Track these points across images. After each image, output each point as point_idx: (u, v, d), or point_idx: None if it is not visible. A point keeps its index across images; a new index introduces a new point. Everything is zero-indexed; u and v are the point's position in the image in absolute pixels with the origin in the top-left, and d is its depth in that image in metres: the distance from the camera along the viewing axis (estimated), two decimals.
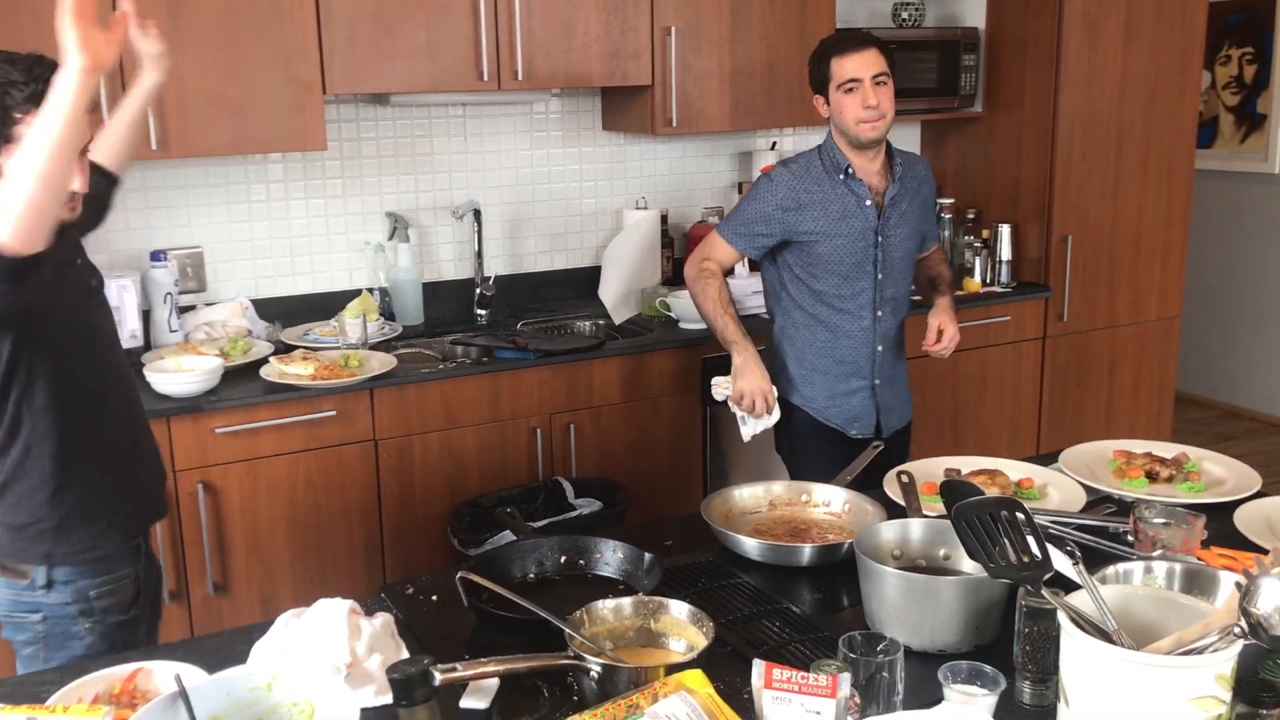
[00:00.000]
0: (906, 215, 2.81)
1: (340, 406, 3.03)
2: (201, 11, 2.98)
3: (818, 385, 2.85)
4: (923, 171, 2.90)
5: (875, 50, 2.69)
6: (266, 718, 1.35)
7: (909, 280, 2.90)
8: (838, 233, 2.73)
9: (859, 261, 2.76)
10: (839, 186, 2.74)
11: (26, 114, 1.73)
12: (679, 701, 1.27)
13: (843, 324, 2.80)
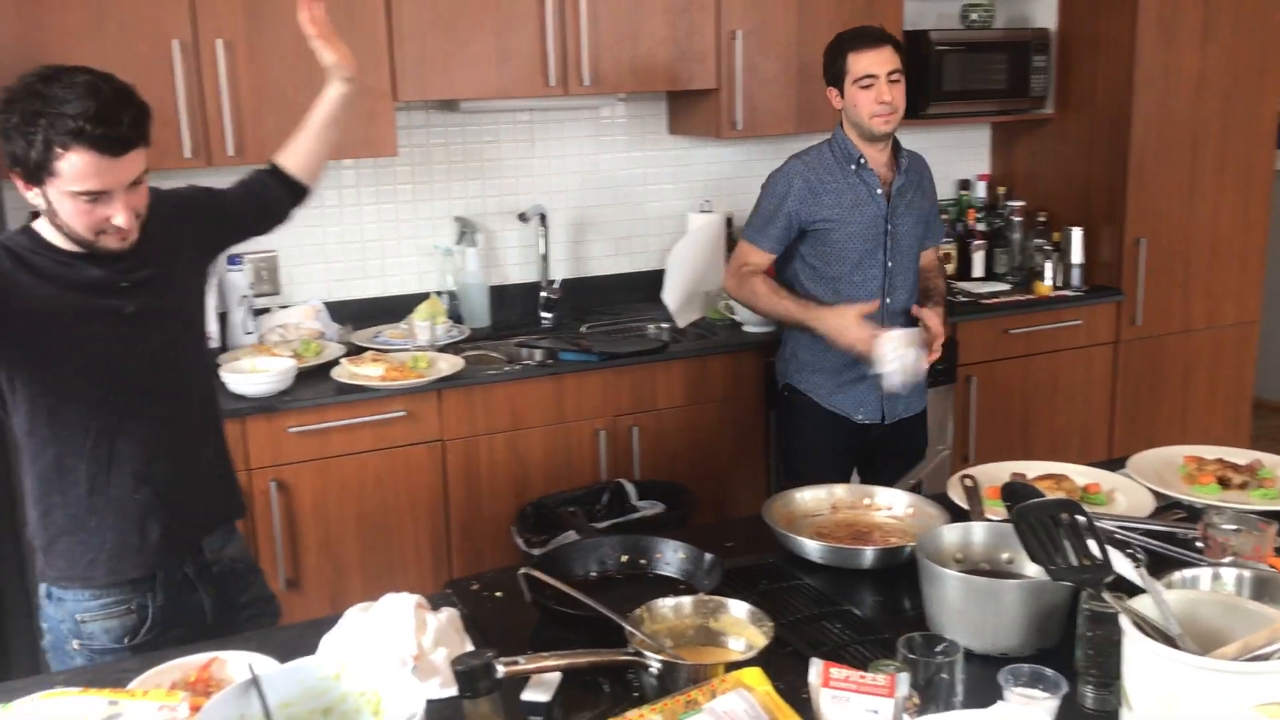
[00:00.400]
0: (912, 205, 2.94)
1: (409, 407, 3.08)
2: (278, 21, 3.05)
3: (826, 371, 2.96)
4: (922, 166, 3.03)
5: (891, 48, 2.83)
6: (335, 707, 1.39)
7: (915, 269, 3.00)
8: (850, 220, 2.87)
9: (870, 249, 2.89)
10: (850, 176, 2.88)
11: (68, 149, 1.68)
12: (737, 698, 1.28)
13: None
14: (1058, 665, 1.45)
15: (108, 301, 1.87)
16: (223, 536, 2.09)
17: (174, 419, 1.98)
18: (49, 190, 1.73)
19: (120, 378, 1.89)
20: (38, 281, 1.80)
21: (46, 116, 1.67)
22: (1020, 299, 3.94)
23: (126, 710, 1.26)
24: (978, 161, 4.53)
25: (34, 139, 1.67)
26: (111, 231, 1.79)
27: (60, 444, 1.88)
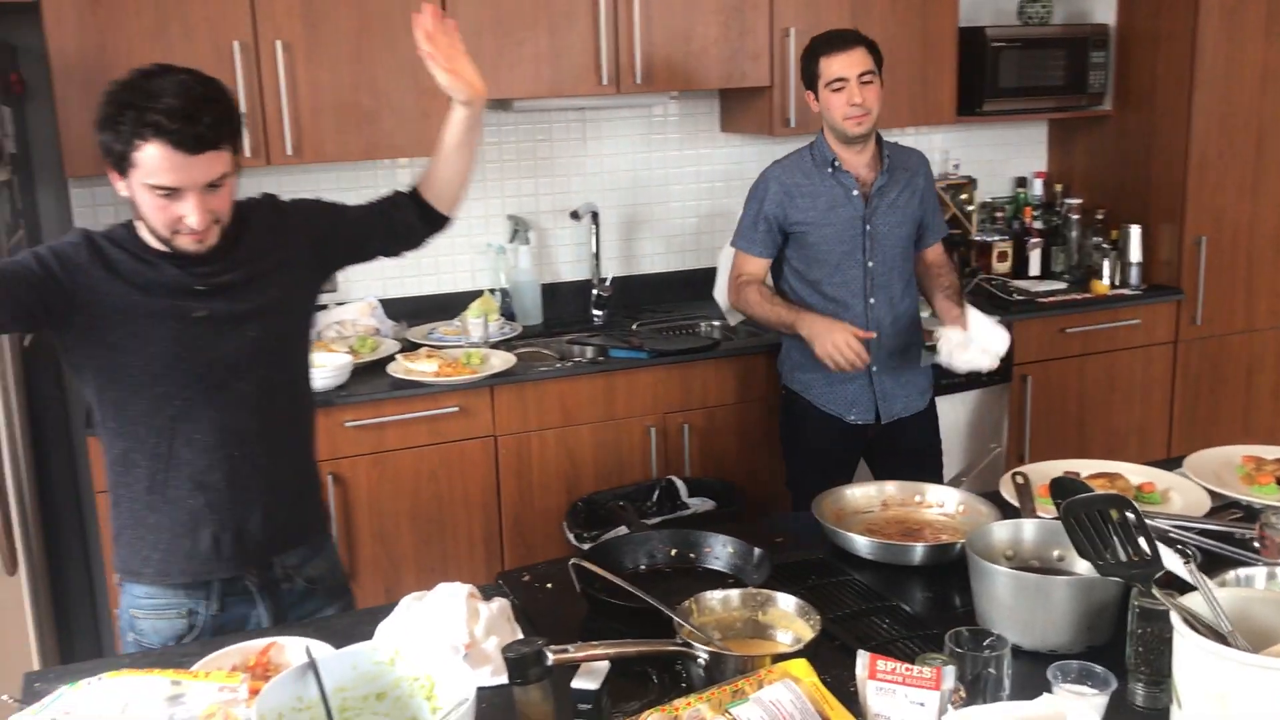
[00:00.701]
0: (896, 204, 2.93)
1: (462, 403, 3.12)
2: (337, 25, 3.11)
3: (816, 370, 2.95)
4: (916, 164, 3.01)
5: (862, 49, 2.83)
6: (389, 691, 1.42)
7: (905, 269, 2.98)
8: (826, 222, 2.89)
9: (849, 250, 2.90)
10: (827, 179, 2.91)
11: (145, 141, 1.70)
12: (783, 689, 1.29)
13: (836, 312, 2.90)
14: (1108, 663, 1.45)
15: (179, 303, 1.86)
16: (302, 554, 2.03)
17: (237, 430, 1.93)
18: (131, 182, 1.75)
19: (183, 380, 1.87)
20: (109, 277, 1.82)
21: (135, 109, 1.70)
22: (1077, 298, 3.90)
23: (189, 690, 1.30)
24: (1035, 159, 4.49)
25: (121, 129, 1.71)
26: (185, 231, 1.78)
27: (126, 439, 1.90)
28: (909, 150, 3.04)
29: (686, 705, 1.28)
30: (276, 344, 1.98)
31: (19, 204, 2.95)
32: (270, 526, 1.98)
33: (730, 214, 4.02)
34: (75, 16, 2.88)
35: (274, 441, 1.99)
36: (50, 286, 1.77)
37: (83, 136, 2.96)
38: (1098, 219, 4.16)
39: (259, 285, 1.93)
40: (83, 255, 1.82)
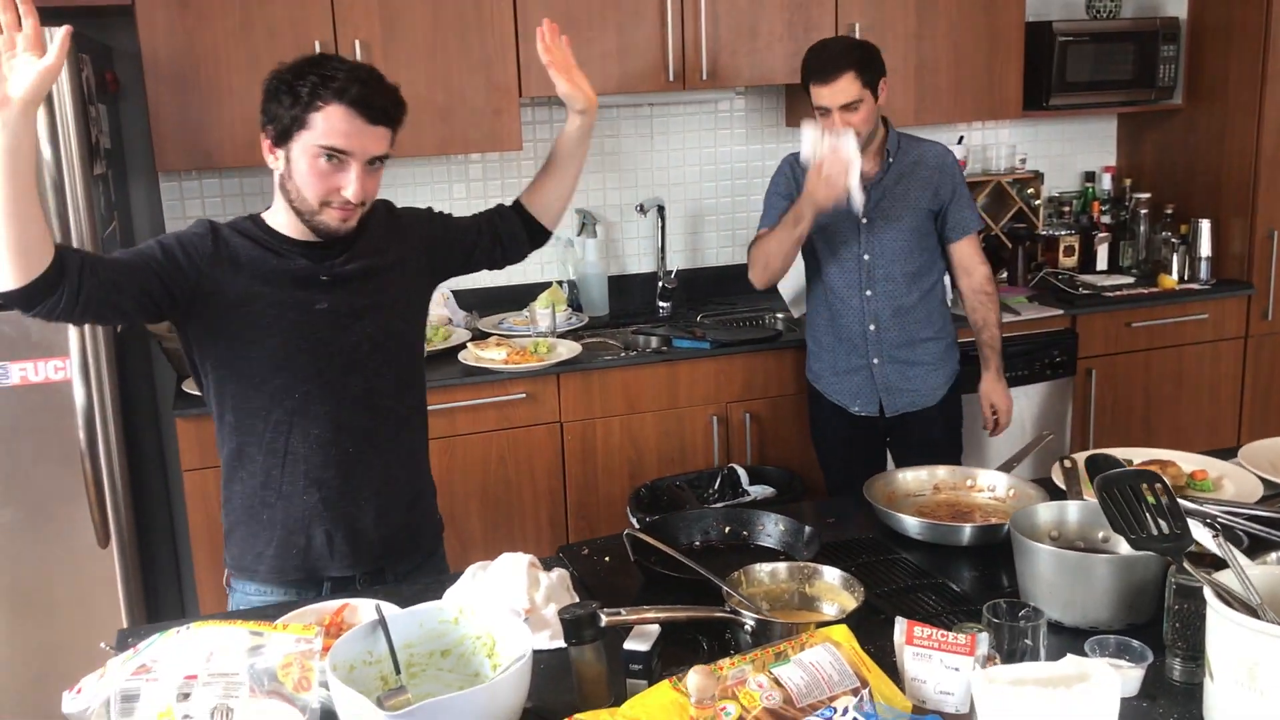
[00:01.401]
0: (899, 198, 2.91)
1: (530, 390, 3.22)
2: (413, 25, 3.22)
3: (824, 361, 3.05)
4: (930, 156, 2.96)
5: (848, 78, 2.73)
6: (453, 648, 1.51)
7: (913, 262, 2.93)
8: (825, 215, 2.85)
9: (845, 240, 2.93)
10: None
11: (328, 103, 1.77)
12: (823, 651, 1.35)
13: (836, 303, 2.97)
14: (1148, 640, 1.49)
15: (301, 294, 1.89)
16: (414, 562, 2.07)
17: (351, 427, 1.95)
18: (294, 147, 1.80)
19: (301, 372, 1.90)
20: (233, 268, 1.86)
21: (319, 75, 1.78)
22: (1144, 292, 3.88)
23: (269, 640, 1.40)
24: (1104, 154, 4.46)
25: (300, 92, 1.77)
26: (337, 204, 1.83)
27: (242, 432, 1.94)
28: (927, 143, 3.00)
29: (732, 664, 1.35)
30: (390, 341, 2.00)
31: (113, 197, 3.11)
32: (383, 528, 2.01)
33: None
34: (166, 18, 3.03)
35: (387, 441, 2.01)
36: (175, 275, 1.82)
37: (173, 132, 3.12)
38: (1167, 213, 4.13)
39: (377, 281, 1.97)
40: (207, 245, 1.87)
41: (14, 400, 2.77)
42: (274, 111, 1.82)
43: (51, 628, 2.89)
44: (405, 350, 2.06)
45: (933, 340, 3.01)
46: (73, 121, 2.70)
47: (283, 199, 1.89)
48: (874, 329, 2.95)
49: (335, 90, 1.78)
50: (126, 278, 1.78)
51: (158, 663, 1.36)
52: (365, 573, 2.01)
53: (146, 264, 1.81)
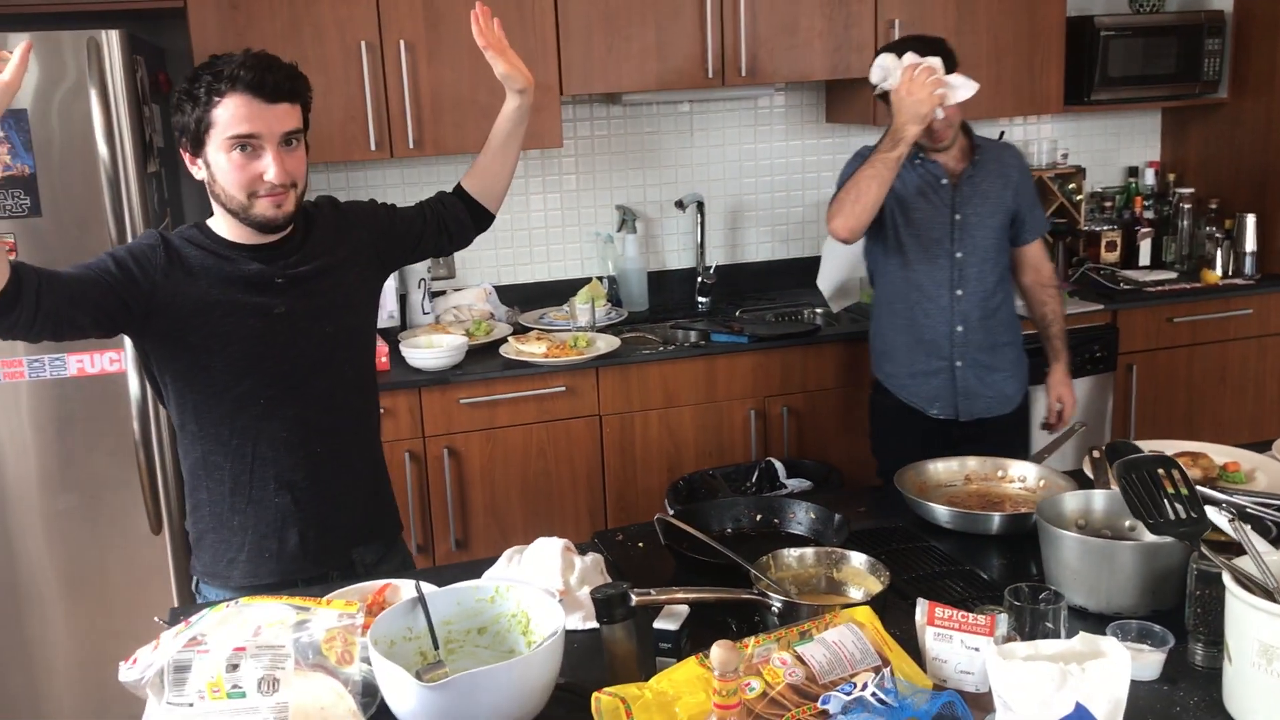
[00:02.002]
0: (988, 195, 2.85)
1: (569, 383, 3.27)
2: (457, 25, 3.29)
3: (899, 361, 2.95)
4: (1010, 158, 2.94)
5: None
6: (489, 626, 1.56)
7: (996, 261, 2.88)
8: (915, 206, 2.83)
9: (938, 237, 2.84)
10: (917, 167, 2.85)
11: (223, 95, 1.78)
12: (846, 630, 1.39)
13: (922, 301, 2.88)
14: (1172, 627, 1.51)
15: (259, 299, 1.90)
16: (378, 549, 2.10)
17: (318, 427, 1.98)
18: (208, 150, 1.81)
19: (264, 378, 1.92)
20: (188, 277, 1.86)
21: (209, 74, 1.80)
22: (1186, 287, 3.86)
23: (314, 616, 1.46)
24: (1148, 148, 4.44)
25: (198, 95, 1.79)
26: (264, 191, 1.82)
27: (207, 441, 1.94)
28: (1002, 144, 3.01)
29: (757, 643, 1.39)
30: (349, 339, 2.04)
31: (166, 194, 3.20)
32: (350, 520, 2.04)
33: None
34: (217, 19, 3.12)
35: (350, 436, 2.06)
36: (129, 288, 1.81)
37: None
38: (1211, 208, 4.10)
39: (332, 279, 1.99)
40: (159, 256, 1.85)
41: (71, 391, 2.87)
42: (181, 123, 1.83)
43: (105, 610, 2.99)
44: (362, 346, 2.10)
45: (1010, 345, 2.96)
46: (127, 121, 2.79)
47: (217, 206, 1.90)
48: (961, 330, 2.87)
49: (228, 80, 1.78)
50: (82, 294, 1.77)
51: (208, 636, 1.43)
52: (337, 568, 2.03)
53: (100, 278, 1.79)
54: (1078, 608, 1.66)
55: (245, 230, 1.89)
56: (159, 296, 1.84)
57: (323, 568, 2.00)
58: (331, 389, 2.00)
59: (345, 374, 2.03)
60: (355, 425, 2.07)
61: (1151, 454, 1.51)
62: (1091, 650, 1.23)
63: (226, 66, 1.80)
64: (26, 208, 2.75)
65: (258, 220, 1.86)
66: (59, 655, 3.01)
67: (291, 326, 1.93)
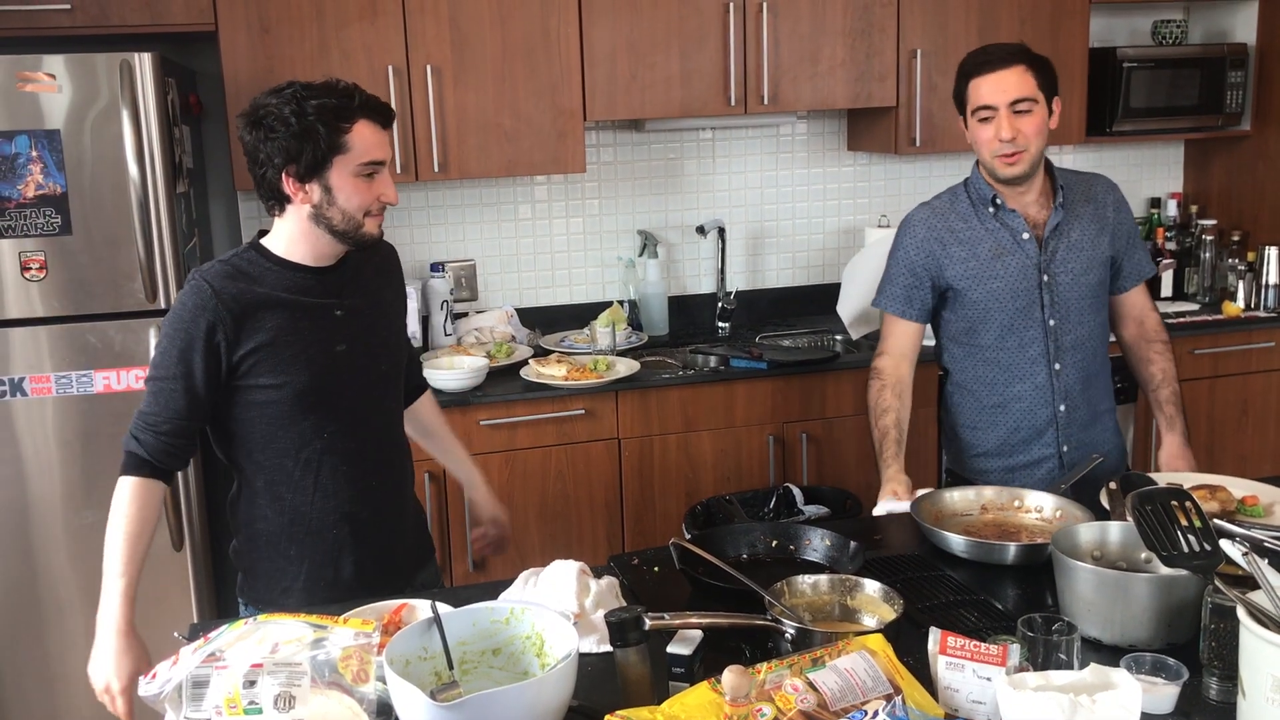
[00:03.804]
0: (1078, 246, 2.43)
1: (588, 406, 3.29)
2: (483, 51, 3.34)
3: (992, 458, 2.52)
4: (1102, 193, 2.49)
5: (1020, 70, 2.32)
6: (504, 647, 1.57)
7: (1095, 321, 2.48)
8: (992, 275, 2.41)
9: (1023, 306, 2.42)
10: (989, 221, 2.43)
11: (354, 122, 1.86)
12: (859, 658, 1.39)
13: (1013, 385, 2.46)
14: (1187, 660, 1.50)
15: (323, 335, 1.97)
16: (431, 570, 2.26)
17: (377, 460, 2.07)
18: (331, 175, 1.87)
19: (331, 411, 1.99)
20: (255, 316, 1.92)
21: (329, 99, 1.85)
22: (1208, 319, 3.85)
23: (331, 634, 1.48)
24: (1171, 180, 4.44)
25: (317, 127, 1.84)
26: (376, 212, 1.93)
27: (270, 472, 1.99)
28: (1090, 176, 2.53)
29: (769, 669, 1.40)
30: (396, 376, 2.16)
31: (194, 215, 3.25)
32: (402, 549, 2.16)
33: (855, 230, 4.13)
34: (247, 43, 3.18)
35: (401, 469, 2.17)
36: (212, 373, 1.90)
37: None
38: (1233, 240, 4.09)
39: (384, 320, 2.11)
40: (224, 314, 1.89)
41: (98, 407, 2.91)
42: (294, 149, 1.85)
43: None
44: (401, 382, 2.21)
45: (1108, 413, 2.58)
46: (158, 143, 2.84)
47: (309, 228, 1.94)
48: (1064, 409, 2.46)
49: (360, 108, 1.88)
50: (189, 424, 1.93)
51: (226, 652, 1.45)
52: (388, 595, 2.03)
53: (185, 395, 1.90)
54: (1092, 640, 1.66)
55: (318, 252, 1.97)
56: (237, 350, 1.92)
57: (375, 596, 2.01)
58: (386, 424, 2.13)
59: (394, 410, 2.17)
60: (404, 458, 2.19)
61: (1165, 486, 1.51)
62: (1102, 682, 1.23)
63: (340, 96, 1.87)
64: (58, 226, 2.80)
65: (364, 239, 1.96)
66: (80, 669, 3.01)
67: (352, 363, 2.02)
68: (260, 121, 1.87)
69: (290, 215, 1.95)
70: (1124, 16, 4.20)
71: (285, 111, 1.85)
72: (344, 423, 2.02)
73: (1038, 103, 2.33)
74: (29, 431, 2.90)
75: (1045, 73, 2.36)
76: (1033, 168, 2.37)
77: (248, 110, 1.91)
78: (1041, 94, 2.34)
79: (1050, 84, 2.37)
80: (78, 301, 2.86)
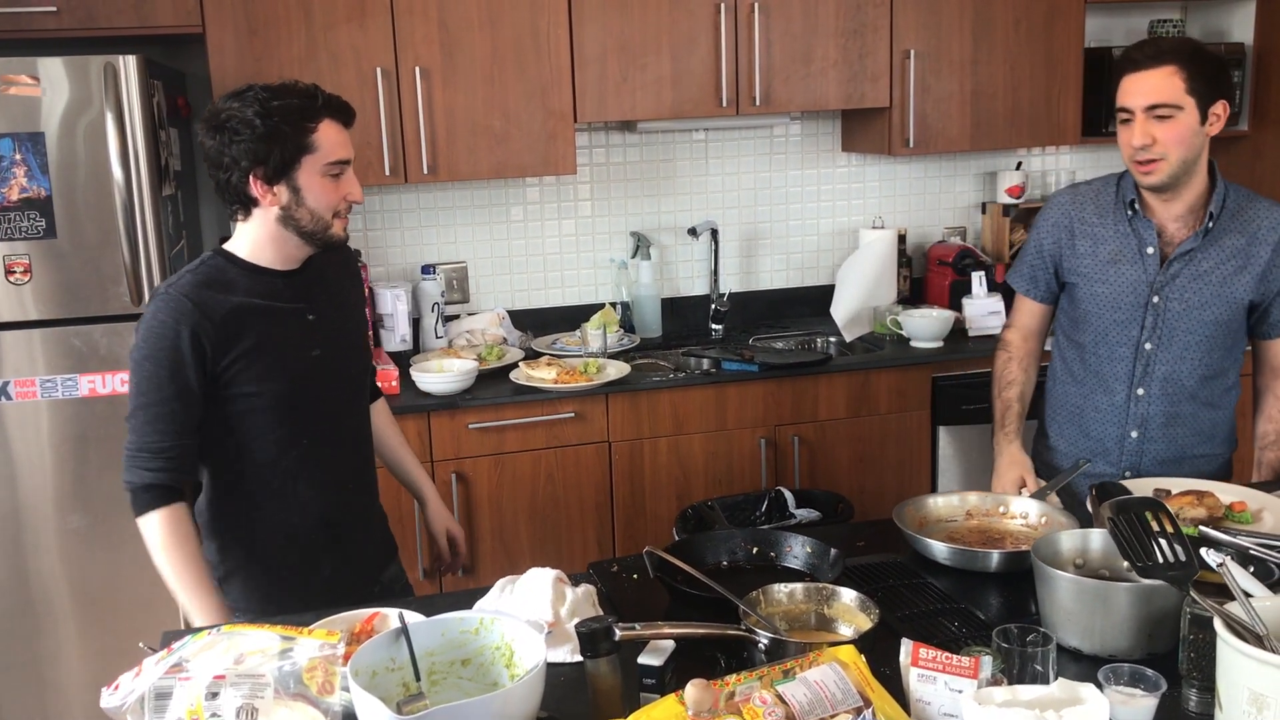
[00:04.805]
0: (1206, 277, 2.28)
1: (579, 409, 3.27)
2: (472, 52, 3.32)
3: (1060, 452, 2.51)
4: (1267, 230, 2.27)
5: (1167, 71, 2.16)
6: (473, 658, 1.55)
7: (1206, 360, 2.34)
8: (1102, 278, 2.34)
9: (1123, 320, 2.34)
10: (1122, 223, 2.34)
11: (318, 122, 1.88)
12: (829, 670, 1.37)
13: (1094, 392, 2.42)
14: (1167, 670, 1.48)
15: (297, 341, 1.98)
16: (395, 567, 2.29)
17: (352, 465, 2.11)
18: (299, 175, 1.88)
19: (308, 416, 2.01)
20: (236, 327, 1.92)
21: (293, 99, 1.86)
22: None
23: (297, 645, 1.46)
24: None
25: (283, 128, 1.85)
26: (344, 212, 1.95)
27: (249, 482, 2.00)
28: (1264, 206, 2.31)
29: (739, 680, 1.38)
30: (364, 378, 2.20)
31: (182, 217, 3.24)
32: (375, 549, 2.20)
33: (849, 232, 4.11)
34: (235, 45, 3.16)
35: (372, 471, 2.20)
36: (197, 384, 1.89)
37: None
38: None
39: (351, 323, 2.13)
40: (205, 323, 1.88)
41: (83, 411, 2.90)
42: (262, 151, 1.85)
43: (115, 630, 3.00)
44: (367, 384, 2.24)
45: (1206, 458, 2.44)
46: (143, 145, 2.82)
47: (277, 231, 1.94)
48: (1136, 436, 2.38)
49: (324, 108, 1.90)
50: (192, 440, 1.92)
51: (190, 663, 1.43)
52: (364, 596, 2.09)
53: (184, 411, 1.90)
54: (1072, 649, 1.64)
55: (281, 255, 1.98)
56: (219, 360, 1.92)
57: (347, 598, 2.00)
58: (358, 426, 2.15)
59: (365, 412, 2.20)
60: (370, 463, 2.21)
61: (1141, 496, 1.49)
62: (1071, 697, 1.21)
63: (302, 98, 1.88)
64: (42, 229, 2.79)
65: (331, 239, 1.97)
66: (69, 674, 3.02)
67: (326, 368, 2.03)
68: (224, 125, 1.87)
69: (256, 219, 1.95)
70: (1121, 16, 4.16)
71: (249, 113, 1.85)
72: (321, 428, 2.03)
73: (1182, 109, 2.17)
74: (17, 436, 2.89)
75: (1202, 75, 2.18)
76: (1173, 178, 2.23)
77: (208, 115, 1.91)
78: (1191, 98, 2.17)
79: (1209, 87, 2.18)
80: (63, 305, 2.84)
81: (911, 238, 4.15)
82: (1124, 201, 2.34)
